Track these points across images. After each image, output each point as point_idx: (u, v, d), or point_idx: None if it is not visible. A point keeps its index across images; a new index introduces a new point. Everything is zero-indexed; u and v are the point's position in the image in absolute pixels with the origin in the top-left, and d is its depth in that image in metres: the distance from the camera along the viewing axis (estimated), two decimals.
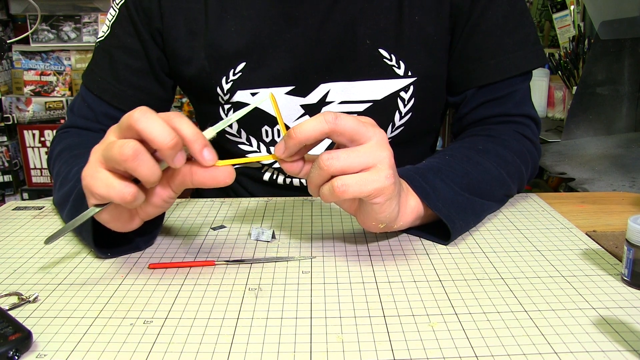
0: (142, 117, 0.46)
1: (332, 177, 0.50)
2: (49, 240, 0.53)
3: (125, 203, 0.49)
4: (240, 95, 0.77)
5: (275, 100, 0.54)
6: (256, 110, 0.77)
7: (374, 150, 0.50)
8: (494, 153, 0.69)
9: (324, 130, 0.49)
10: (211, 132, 0.52)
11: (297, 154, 0.52)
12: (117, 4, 0.78)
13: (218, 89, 0.77)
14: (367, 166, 0.50)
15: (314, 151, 0.53)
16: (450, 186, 0.61)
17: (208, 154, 0.49)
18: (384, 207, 0.52)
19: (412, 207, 0.58)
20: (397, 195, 0.53)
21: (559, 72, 1.75)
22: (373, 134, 0.51)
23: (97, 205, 0.51)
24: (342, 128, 0.49)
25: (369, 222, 0.55)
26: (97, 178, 0.49)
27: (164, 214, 0.61)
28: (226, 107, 0.78)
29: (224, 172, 0.50)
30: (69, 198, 0.62)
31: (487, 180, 0.65)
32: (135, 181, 0.49)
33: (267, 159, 0.52)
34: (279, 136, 0.79)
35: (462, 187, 0.62)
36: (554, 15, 1.94)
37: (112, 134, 0.50)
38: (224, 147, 0.83)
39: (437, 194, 0.59)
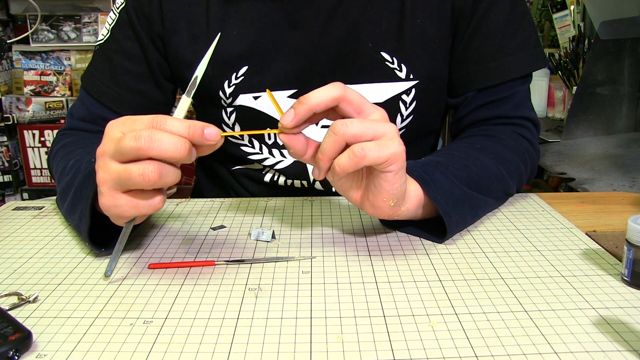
0: (150, 142, 0.47)
1: (346, 146, 0.51)
2: (108, 272, 0.54)
3: (158, 210, 0.51)
4: (243, 99, 0.77)
5: (273, 95, 0.55)
6: (258, 113, 0.77)
7: (381, 122, 0.52)
8: (492, 150, 0.69)
9: (335, 96, 0.51)
10: (186, 98, 0.53)
11: (300, 127, 0.52)
12: (118, 8, 0.77)
13: (220, 93, 0.77)
14: (378, 135, 0.51)
15: (316, 138, 0.54)
16: (449, 178, 0.61)
17: (209, 133, 0.49)
18: (397, 176, 0.53)
19: (415, 192, 0.59)
20: (405, 169, 0.55)
21: (559, 72, 1.75)
22: (375, 109, 0.53)
23: (127, 223, 0.53)
24: (350, 97, 0.51)
25: (379, 201, 0.54)
26: (120, 205, 0.50)
27: None
28: (229, 110, 0.78)
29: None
30: (69, 191, 0.62)
31: (485, 176, 0.66)
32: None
33: (272, 132, 0.53)
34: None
35: (461, 180, 0.62)
36: (554, 15, 1.94)
37: (107, 157, 0.50)
38: (224, 148, 0.83)
39: (436, 184, 0.60)
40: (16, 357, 0.42)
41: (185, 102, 0.53)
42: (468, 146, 0.70)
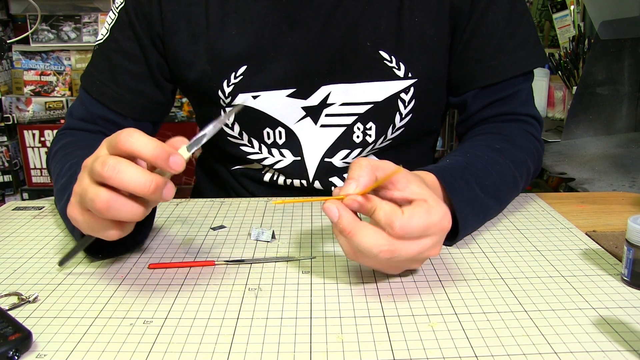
0: (112, 172, 0.45)
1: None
2: (62, 262, 0.55)
3: (112, 239, 0.49)
4: (242, 99, 0.77)
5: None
6: (257, 112, 0.77)
7: (437, 222, 0.49)
8: (509, 154, 0.69)
9: (391, 249, 0.47)
10: (185, 152, 0.48)
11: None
12: (117, 8, 0.77)
13: (219, 92, 0.77)
14: (426, 235, 0.48)
15: None
16: (471, 187, 0.61)
17: (174, 162, 0.46)
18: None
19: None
20: None
21: (559, 72, 1.75)
22: (437, 212, 0.48)
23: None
24: (407, 231, 0.47)
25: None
26: (79, 221, 0.49)
27: (154, 209, 0.61)
28: (227, 109, 0.78)
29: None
30: (64, 194, 0.62)
31: (503, 182, 0.66)
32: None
33: (317, 200, 0.51)
34: (280, 137, 0.79)
35: (482, 188, 0.62)
36: (554, 15, 1.94)
37: (86, 171, 0.48)
38: (224, 149, 0.83)
39: (459, 193, 0.59)
40: (16, 357, 0.42)
41: (183, 155, 0.48)
42: (488, 146, 0.69)
